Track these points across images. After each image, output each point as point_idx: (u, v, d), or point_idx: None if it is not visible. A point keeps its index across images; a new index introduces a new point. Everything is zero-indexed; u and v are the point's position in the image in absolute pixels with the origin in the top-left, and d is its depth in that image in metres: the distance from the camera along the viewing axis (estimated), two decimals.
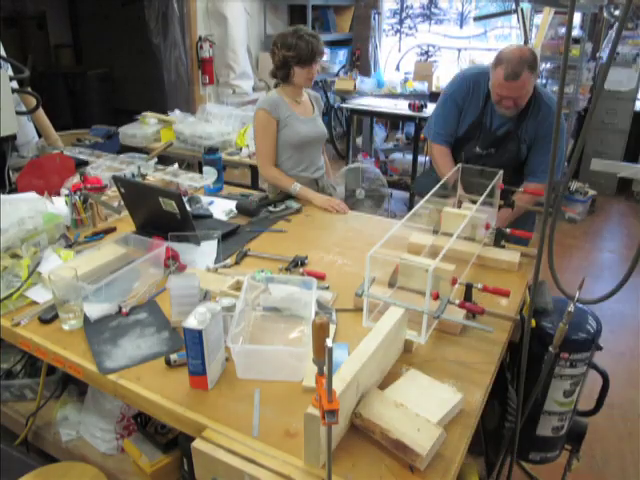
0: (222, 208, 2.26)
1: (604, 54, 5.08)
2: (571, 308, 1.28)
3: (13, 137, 2.34)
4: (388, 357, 1.29)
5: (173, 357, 1.30)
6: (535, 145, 2.16)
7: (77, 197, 2.02)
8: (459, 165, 2.09)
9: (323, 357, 0.88)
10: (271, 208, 2.27)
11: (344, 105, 5.20)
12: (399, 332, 1.31)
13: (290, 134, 2.40)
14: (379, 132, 6.04)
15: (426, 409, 1.12)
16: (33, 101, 2.39)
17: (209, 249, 1.83)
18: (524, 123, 2.13)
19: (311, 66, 2.31)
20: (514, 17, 5.20)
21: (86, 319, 1.46)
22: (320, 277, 1.70)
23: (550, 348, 1.37)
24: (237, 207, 2.24)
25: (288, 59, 2.28)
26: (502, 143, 2.19)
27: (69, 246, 1.87)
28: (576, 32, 4.80)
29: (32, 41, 6.76)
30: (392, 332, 1.24)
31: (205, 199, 2.33)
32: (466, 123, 2.24)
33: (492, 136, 2.19)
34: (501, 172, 1.96)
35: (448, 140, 2.30)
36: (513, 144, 2.18)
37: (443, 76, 6.19)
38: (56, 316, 1.46)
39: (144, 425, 1.71)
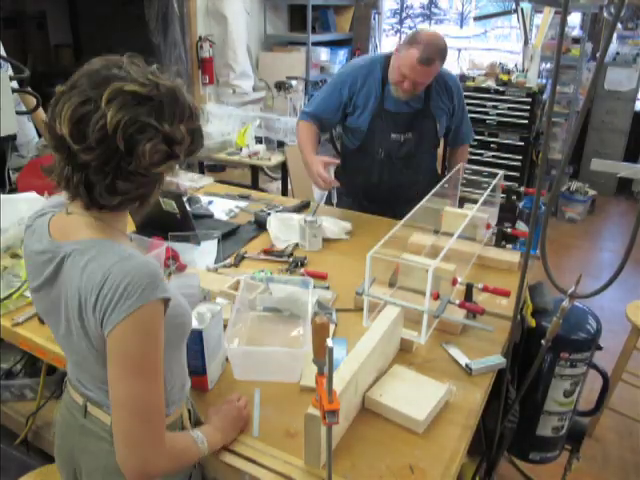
0: (222, 208, 2.26)
1: None
2: (566, 303, 1.27)
3: (13, 137, 2.33)
4: (385, 356, 1.29)
5: None
6: (456, 117, 2.22)
7: None
8: (460, 165, 2.09)
9: (323, 357, 0.88)
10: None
11: None
12: (395, 331, 1.31)
13: None
14: None
15: (413, 405, 1.13)
16: (33, 101, 2.38)
17: (209, 249, 1.83)
18: (432, 101, 2.12)
19: None
20: (514, 17, 5.19)
21: None
22: (321, 277, 1.70)
23: (542, 341, 1.37)
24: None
25: None
26: (418, 123, 2.13)
27: None
28: (576, 32, 4.80)
29: (32, 41, 6.76)
30: (389, 331, 1.24)
31: (205, 199, 2.33)
32: (367, 114, 2.14)
33: (403, 118, 2.12)
34: (502, 173, 1.96)
35: (317, 122, 2.20)
36: (429, 122, 2.15)
37: None
38: None
39: None
